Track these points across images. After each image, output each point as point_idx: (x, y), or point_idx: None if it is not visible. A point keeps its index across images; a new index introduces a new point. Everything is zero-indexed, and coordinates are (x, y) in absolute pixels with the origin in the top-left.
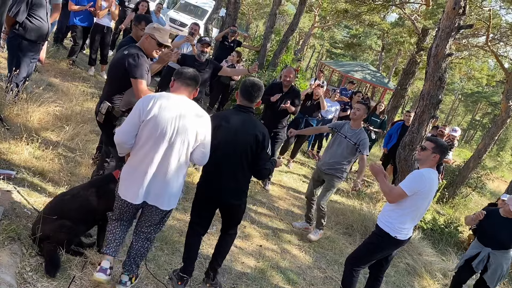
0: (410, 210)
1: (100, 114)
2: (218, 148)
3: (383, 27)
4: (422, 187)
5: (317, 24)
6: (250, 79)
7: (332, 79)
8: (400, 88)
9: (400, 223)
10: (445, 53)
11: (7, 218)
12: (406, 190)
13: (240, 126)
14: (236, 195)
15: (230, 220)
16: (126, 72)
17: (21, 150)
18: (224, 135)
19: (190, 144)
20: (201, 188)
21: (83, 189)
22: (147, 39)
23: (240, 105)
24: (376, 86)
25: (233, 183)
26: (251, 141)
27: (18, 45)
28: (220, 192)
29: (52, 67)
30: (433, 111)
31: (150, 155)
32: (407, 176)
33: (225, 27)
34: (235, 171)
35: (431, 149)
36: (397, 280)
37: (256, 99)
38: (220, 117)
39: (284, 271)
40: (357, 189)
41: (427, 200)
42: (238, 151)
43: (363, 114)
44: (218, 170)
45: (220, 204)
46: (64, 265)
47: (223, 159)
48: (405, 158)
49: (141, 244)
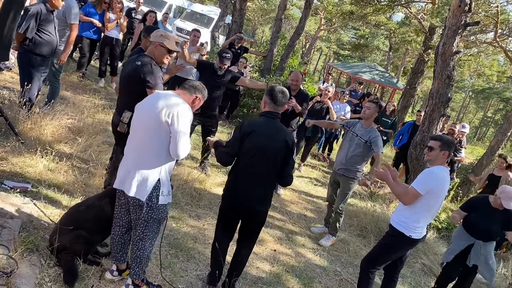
0: (424, 209)
1: (122, 124)
2: (249, 154)
3: (389, 27)
4: (435, 185)
5: (323, 26)
6: (278, 86)
7: (340, 81)
8: (409, 87)
9: (414, 221)
10: (453, 51)
11: (25, 230)
12: (420, 190)
13: (271, 133)
14: (263, 202)
15: (250, 229)
16: (142, 82)
17: (36, 163)
18: (257, 141)
19: (154, 133)
20: (228, 196)
21: (98, 199)
22: (156, 48)
23: (269, 111)
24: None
25: (261, 189)
26: (281, 147)
27: (29, 60)
28: (248, 198)
29: (63, 80)
30: (443, 109)
31: (129, 142)
32: (418, 176)
33: (231, 34)
34: (265, 177)
35: (438, 147)
36: (413, 280)
37: (284, 105)
38: (251, 124)
39: (299, 274)
40: (367, 184)
41: (440, 198)
42: (269, 157)
43: (374, 112)
44: (248, 176)
45: (246, 212)
46: (82, 275)
47: (254, 165)
48: (417, 157)
49: (135, 244)
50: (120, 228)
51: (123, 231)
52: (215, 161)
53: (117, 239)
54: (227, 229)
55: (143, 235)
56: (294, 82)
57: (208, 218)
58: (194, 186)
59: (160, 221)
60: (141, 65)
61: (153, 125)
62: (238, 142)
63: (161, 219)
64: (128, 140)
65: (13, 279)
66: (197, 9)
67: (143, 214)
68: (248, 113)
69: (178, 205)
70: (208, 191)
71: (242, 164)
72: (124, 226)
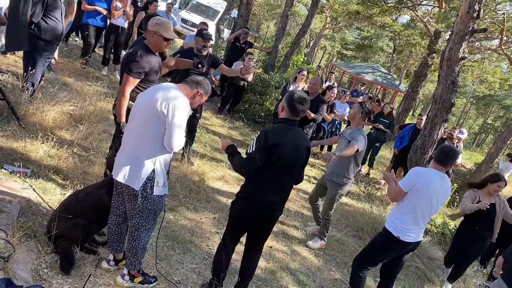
0: (409, 209)
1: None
2: (275, 165)
3: (395, 29)
4: (417, 182)
5: (328, 25)
6: (297, 93)
7: (342, 81)
8: (412, 90)
9: (402, 222)
10: (459, 56)
11: (23, 215)
12: (402, 187)
13: (295, 141)
14: (281, 207)
15: (265, 234)
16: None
17: (36, 148)
18: (283, 153)
19: (150, 123)
20: (244, 203)
21: (96, 188)
22: (153, 37)
23: (287, 119)
24: (387, 88)
25: (282, 196)
26: (304, 154)
27: (34, 45)
28: (269, 205)
29: (66, 67)
30: (446, 114)
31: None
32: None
33: (237, 28)
34: (287, 185)
35: None
36: (407, 284)
37: (303, 113)
38: (274, 134)
39: (294, 272)
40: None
41: (427, 200)
42: (294, 165)
43: (357, 112)
44: (274, 187)
45: (264, 218)
46: (79, 263)
47: (280, 176)
48: (417, 162)
49: (131, 234)
50: (116, 217)
51: (120, 220)
52: (207, 152)
53: (114, 228)
54: (238, 237)
55: (138, 225)
56: (313, 86)
57: (205, 211)
58: (193, 179)
59: (156, 213)
60: (129, 53)
61: (150, 115)
62: (265, 154)
63: (157, 211)
64: (126, 129)
65: (10, 264)
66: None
67: (138, 204)
68: (250, 108)
69: (177, 197)
70: (207, 185)
71: (267, 175)
72: (120, 215)
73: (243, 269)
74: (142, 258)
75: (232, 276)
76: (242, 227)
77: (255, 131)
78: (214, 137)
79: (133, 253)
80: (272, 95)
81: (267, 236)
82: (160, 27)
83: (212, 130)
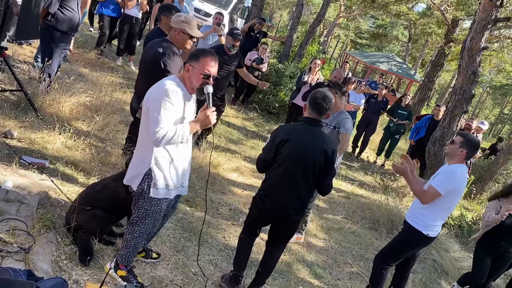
0: (443, 209)
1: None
2: (284, 163)
3: (410, 17)
4: (456, 185)
5: (343, 14)
6: (320, 91)
7: (356, 70)
8: (428, 80)
9: (432, 220)
10: (480, 46)
11: (42, 207)
12: (440, 190)
13: (309, 141)
14: (298, 212)
15: (284, 234)
16: (163, 72)
17: (54, 140)
18: (292, 150)
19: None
20: (261, 202)
21: (113, 180)
22: (178, 35)
23: (309, 118)
24: (402, 78)
25: (296, 200)
26: (320, 156)
27: (51, 36)
28: (282, 208)
29: (81, 57)
30: (466, 106)
31: None
32: (439, 175)
33: (251, 18)
34: (301, 187)
35: (458, 143)
36: (424, 276)
37: (327, 111)
38: (286, 131)
39: (310, 265)
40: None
41: (459, 197)
42: (306, 167)
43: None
44: (285, 186)
45: (279, 219)
46: (97, 254)
47: (292, 175)
48: (435, 154)
49: (127, 226)
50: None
51: None
52: (222, 143)
53: None
54: (256, 231)
55: (134, 221)
56: (336, 79)
57: (221, 203)
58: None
59: (153, 216)
60: (162, 54)
61: (144, 114)
62: (272, 150)
63: (155, 214)
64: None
65: (30, 255)
66: None
67: (137, 200)
68: (264, 99)
69: (193, 188)
70: (222, 176)
71: (279, 172)
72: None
73: (262, 264)
74: (132, 258)
75: (251, 269)
76: (259, 223)
77: (269, 122)
78: (229, 128)
79: (124, 245)
80: (287, 85)
81: (287, 238)
82: (186, 25)
83: (226, 121)
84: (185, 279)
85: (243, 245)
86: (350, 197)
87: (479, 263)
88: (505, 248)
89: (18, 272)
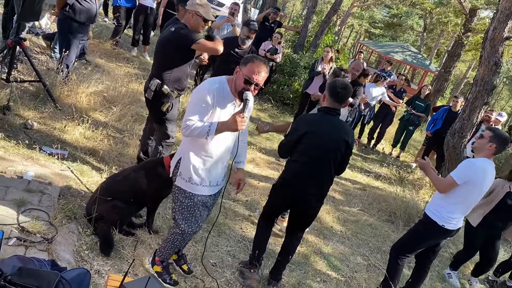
0: (460, 200)
1: (149, 90)
2: (306, 153)
3: (425, 6)
4: (473, 176)
5: (357, 3)
6: (339, 80)
7: (370, 60)
8: (444, 71)
9: (449, 212)
10: (503, 36)
11: (63, 197)
12: (456, 179)
13: (331, 131)
14: (318, 199)
15: (303, 222)
16: (177, 47)
17: (73, 130)
18: (314, 139)
19: None
20: (283, 189)
21: (134, 171)
22: (192, 17)
23: (329, 107)
24: (416, 68)
25: (317, 188)
26: (341, 146)
27: (68, 26)
28: (303, 195)
29: (97, 48)
30: (487, 97)
31: None
32: (459, 165)
33: (265, 8)
34: (322, 176)
35: (488, 137)
36: (441, 270)
37: (346, 99)
38: (308, 121)
39: (327, 257)
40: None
41: (480, 192)
42: (328, 156)
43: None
44: (304, 174)
45: (300, 206)
46: (117, 245)
47: (311, 164)
48: (454, 146)
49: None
50: None
51: None
52: None
53: None
54: (273, 219)
55: (174, 213)
56: (354, 72)
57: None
58: None
59: (189, 209)
60: (175, 30)
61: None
62: (292, 141)
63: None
64: None
65: (53, 246)
66: None
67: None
68: (278, 90)
69: None
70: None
71: (301, 162)
72: None
73: (281, 252)
74: (169, 254)
75: (269, 260)
76: (278, 211)
77: (284, 113)
78: None
79: (165, 239)
80: (301, 76)
81: (305, 225)
82: (201, 7)
83: None
84: (203, 270)
85: (261, 228)
86: (366, 189)
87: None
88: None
89: (43, 262)
